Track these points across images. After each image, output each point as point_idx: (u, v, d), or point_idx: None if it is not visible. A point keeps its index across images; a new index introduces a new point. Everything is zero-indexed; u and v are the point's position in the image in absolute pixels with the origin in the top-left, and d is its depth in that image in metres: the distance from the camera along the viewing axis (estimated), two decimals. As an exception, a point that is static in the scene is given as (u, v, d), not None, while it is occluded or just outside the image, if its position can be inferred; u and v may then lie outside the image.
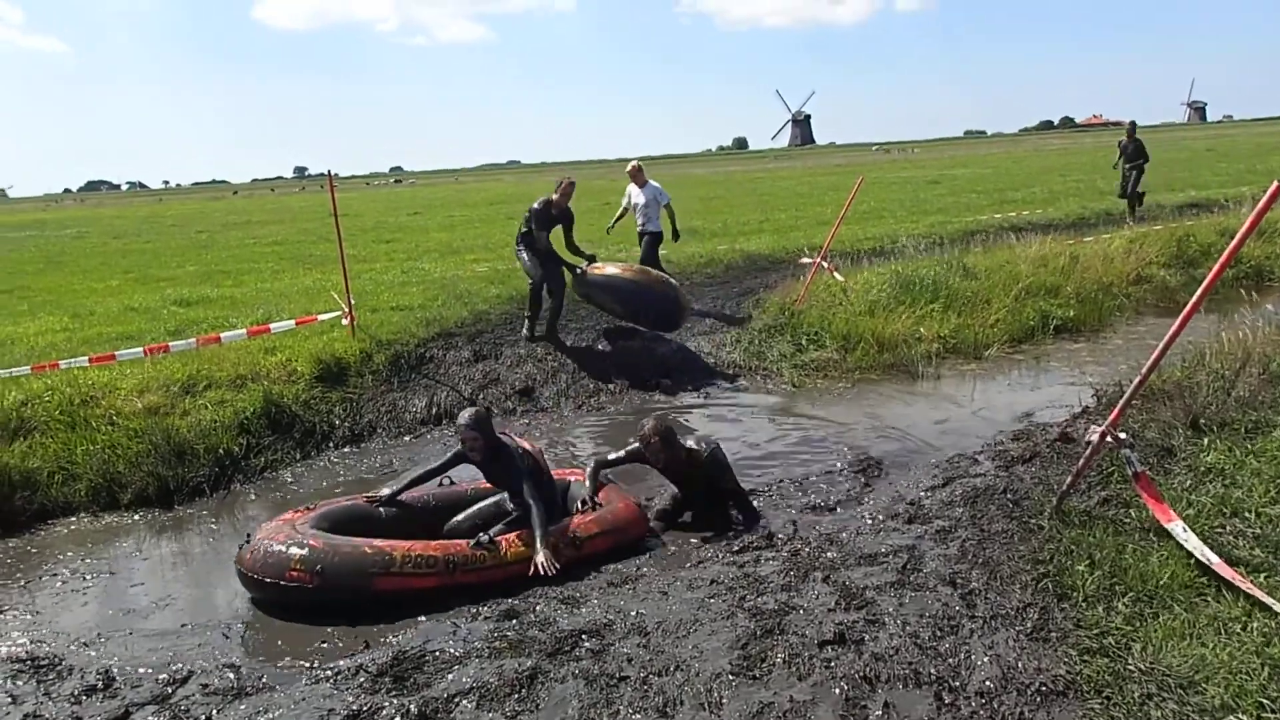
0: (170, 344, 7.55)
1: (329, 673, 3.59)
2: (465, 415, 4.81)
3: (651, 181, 10.52)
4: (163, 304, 11.23)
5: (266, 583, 4.26)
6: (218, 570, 4.98)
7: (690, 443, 5.08)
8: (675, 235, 10.71)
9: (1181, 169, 27.95)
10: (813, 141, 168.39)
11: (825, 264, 10.22)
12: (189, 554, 5.29)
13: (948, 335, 8.79)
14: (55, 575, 5.01)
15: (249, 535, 4.53)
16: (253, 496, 6.14)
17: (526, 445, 4.94)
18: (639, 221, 10.50)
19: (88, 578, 4.95)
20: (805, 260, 10.79)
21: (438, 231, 22.16)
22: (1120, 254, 11.34)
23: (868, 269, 10.73)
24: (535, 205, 9.07)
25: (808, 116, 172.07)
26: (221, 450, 6.44)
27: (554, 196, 9.16)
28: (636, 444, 5.01)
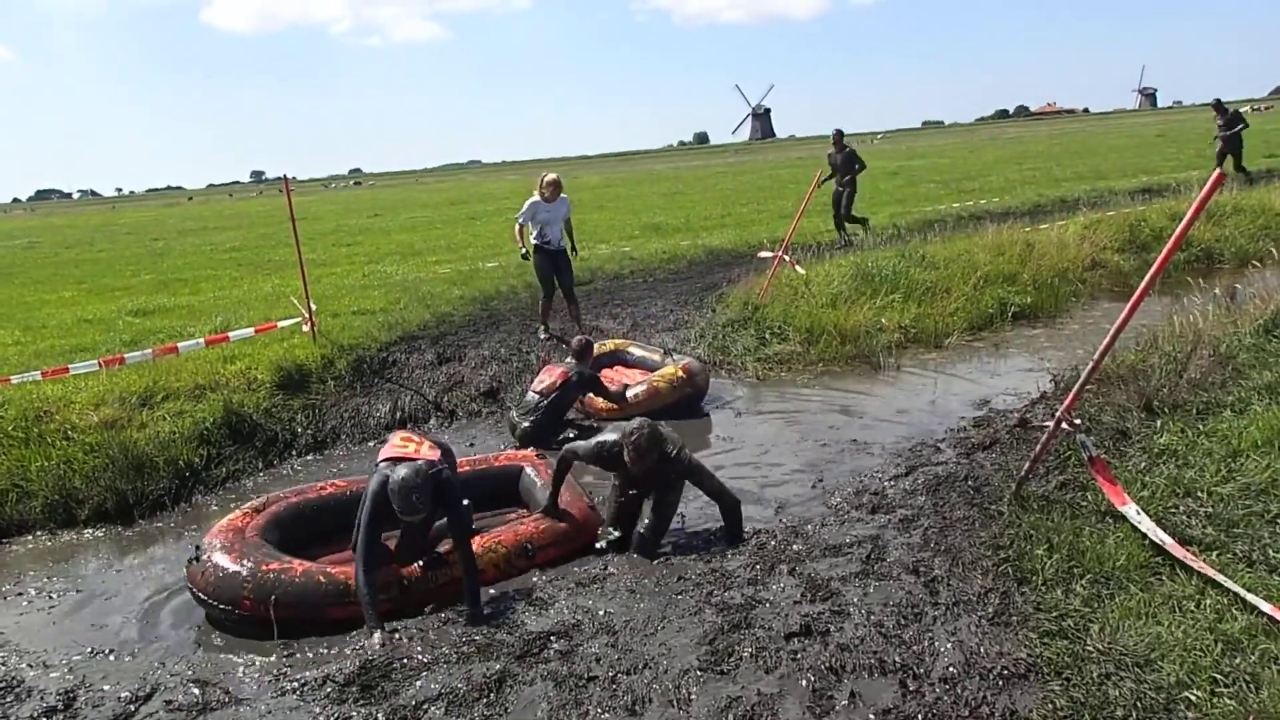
0: (126, 355, 7.41)
1: (295, 684, 3.55)
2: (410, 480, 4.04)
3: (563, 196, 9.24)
4: (118, 314, 11.04)
5: (220, 608, 4.21)
6: (181, 585, 4.91)
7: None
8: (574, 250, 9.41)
9: (1133, 154, 28.48)
10: (773, 135, 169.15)
11: (787, 257, 10.28)
12: (151, 569, 5.20)
13: (908, 325, 8.89)
14: (13, 595, 4.91)
15: (198, 547, 4.44)
16: (215, 508, 6.06)
17: (434, 455, 4.35)
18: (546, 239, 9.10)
19: (47, 596, 4.86)
20: (765, 254, 10.83)
21: (399, 233, 21.99)
22: (1075, 240, 11.52)
23: (829, 261, 10.80)
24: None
25: (768, 110, 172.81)
26: (181, 462, 6.34)
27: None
28: (613, 441, 4.62)
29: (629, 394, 6.91)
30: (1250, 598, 3.11)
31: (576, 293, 9.51)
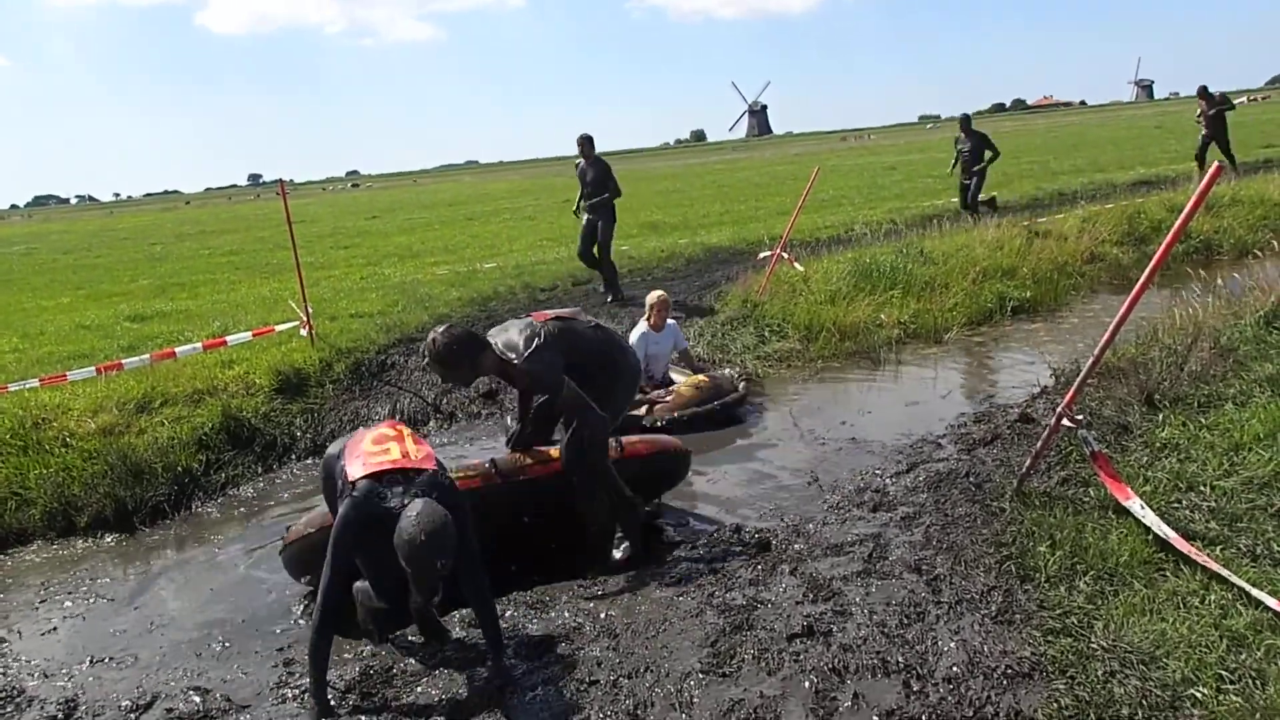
0: (124, 361, 7.40)
1: (295, 692, 3.54)
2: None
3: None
4: (115, 320, 11.03)
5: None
6: (182, 591, 4.90)
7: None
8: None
9: (1131, 147, 28.45)
10: (770, 131, 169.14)
11: (785, 254, 10.26)
12: (151, 576, 5.19)
13: (908, 320, 8.87)
14: (13, 604, 4.89)
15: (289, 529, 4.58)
16: (215, 514, 6.04)
17: (427, 459, 3.49)
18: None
19: (47, 605, 4.85)
20: (764, 255, 10.82)
21: (397, 235, 21.98)
22: (1074, 233, 11.51)
23: (827, 258, 10.78)
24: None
25: (764, 107, 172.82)
26: (180, 468, 6.33)
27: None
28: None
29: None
30: (1255, 593, 3.08)
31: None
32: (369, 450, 3.41)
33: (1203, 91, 17.95)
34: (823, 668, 3.12)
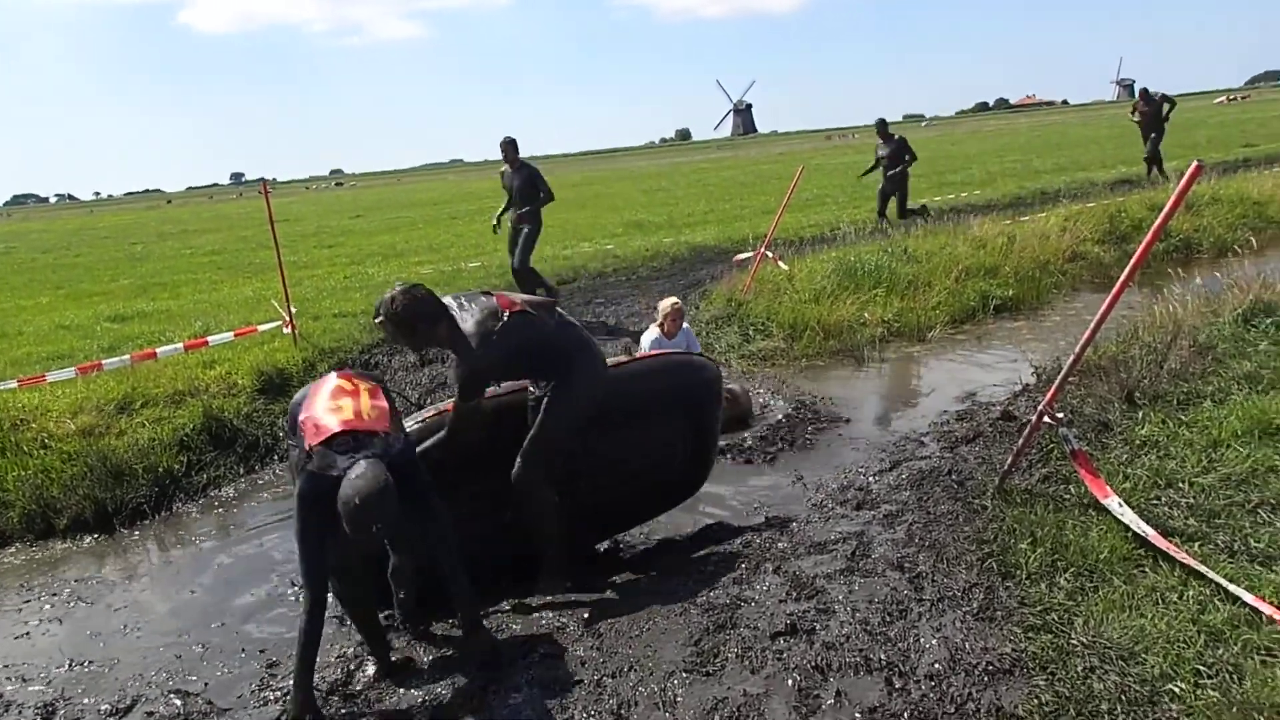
0: (104, 362, 7.35)
1: (277, 694, 3.52)
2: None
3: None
4: (95, 320, 10.95)
5: None
6: (163, 593, 4.87)
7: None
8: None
9: (1112, 146, 28.66)
10: (755, 130, 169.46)
11: (770, 253, 10.28)
12: (133, 578, 5.15)
13: (891, 319, 8.89)
14: (-10, 608, 4.85)
15: None
16: (196, 515, 6.00)
17: (381, 419, 3.32)
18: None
19: (26, 608, 4.80)
20: (744, 256, 10.84)
21: (381, 234, 21.91)
22: (1056, 232, 11.57)
23: (811, 257, 10.80)
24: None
25: (749, 105, 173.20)
26: (161, 469, 6.28)
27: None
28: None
29: None
30: (1232, 588, 3.12)
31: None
32: (325, 408, 3.26)
33: (1143, 93, 17.78)
34: (806, 665, 3.13)
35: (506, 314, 3.90)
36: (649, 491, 4.56)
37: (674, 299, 6.42)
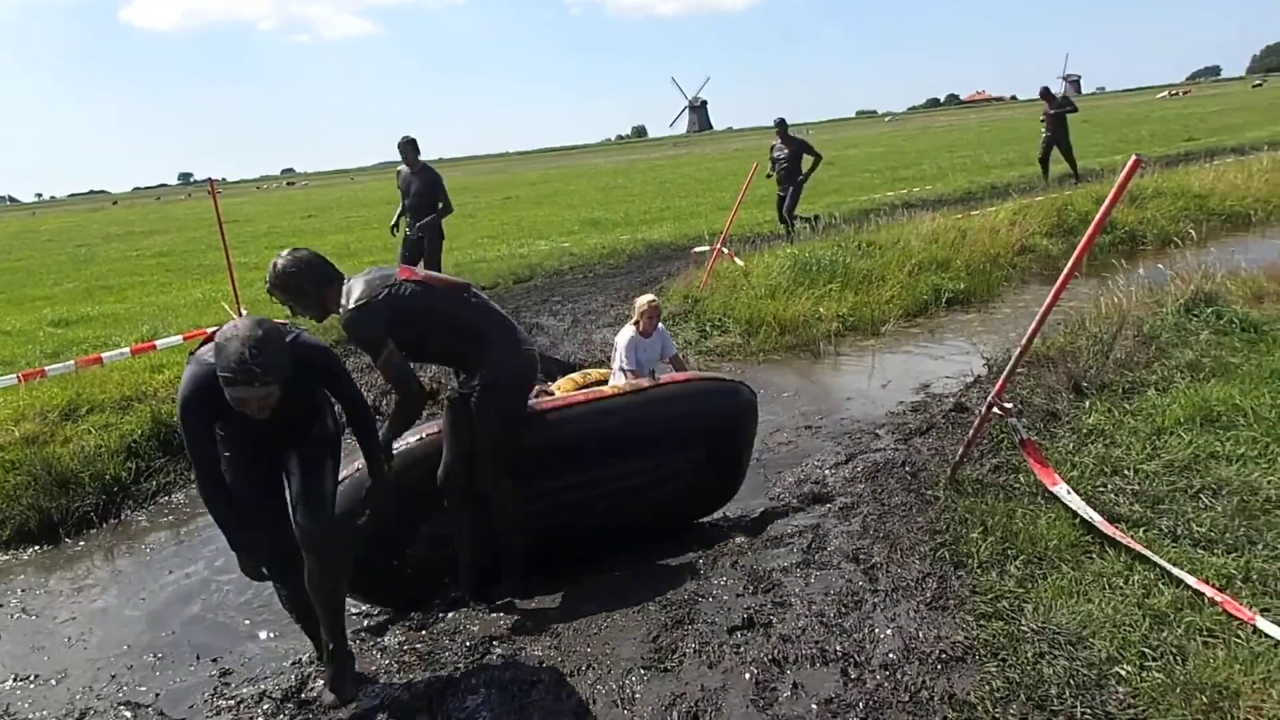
0: (47, 368, 7.16)
1: (230, 703, 3.46)
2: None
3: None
4: (38, 325, 10.67)
5: None
6: (112, 603, 4.76)
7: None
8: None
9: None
10: (711, 127, 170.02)
11: (725, 249, 10.33)
12: (81, 589, 5.03)
13: (846, 314, 8.99)
14: (-71, 623, 4.70)
15: None
16: (145, 523, 5.88)
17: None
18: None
19: (-34, 622, 4.67)
20: (701, 249, 10.87)
21: (334, 234, 21.64)
22: (1005, 226, 11.77)
23: (767, 252, 10.88)
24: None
25: (704, 102, 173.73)
26: (109, 477, 6.13)
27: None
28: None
29: None
30: (1176, 571, 3.20)
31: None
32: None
33: (1044, 92, 16.86)
34: (763, 659, 3.15)
35: (401, 281, 3.75)
36: (660, 513, 4.54)
37: (650, 296, 6.21)
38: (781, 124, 12.96)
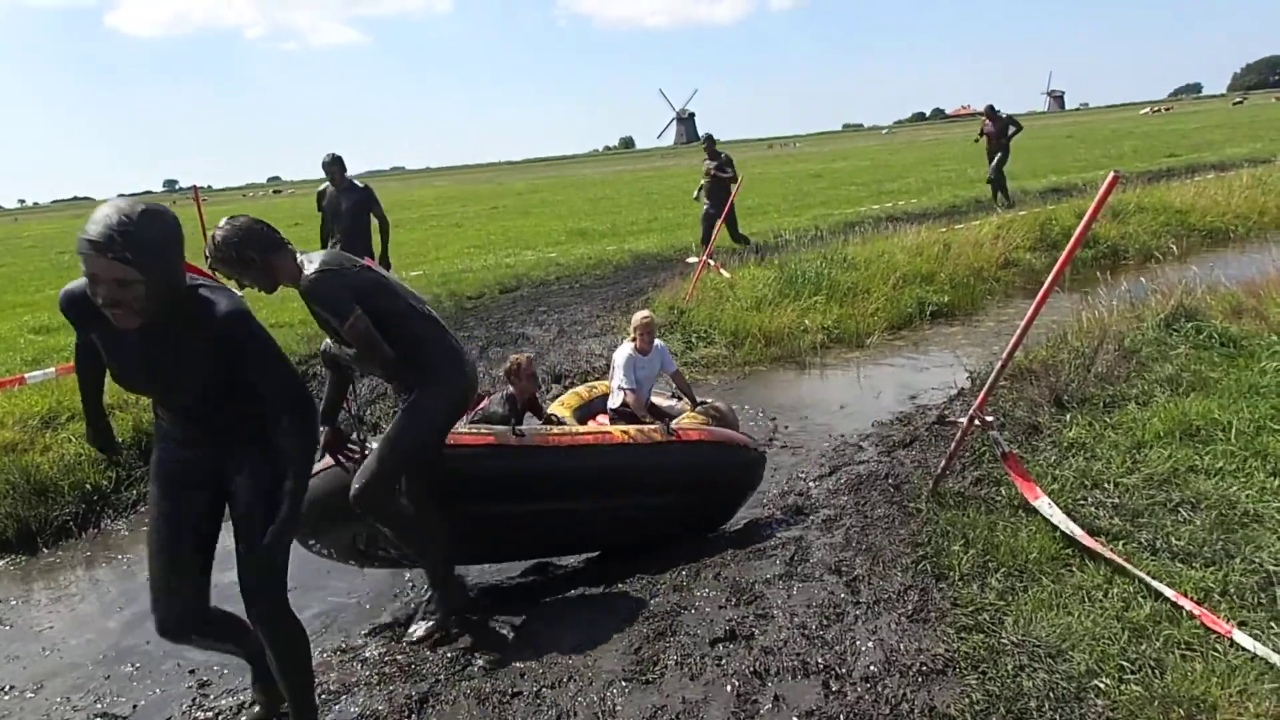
0: (27, 375, 7.11)
1: (209, 714, 3.44)
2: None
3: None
4: (19, 332, 10.58)
5: None
6: (91, 614, 4.71)
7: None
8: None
9: (1044, 155, 29.43)
10: (698, 139, 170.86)
11: (712, 261, 10.36)
12: (59, 599, 4.98)
13: (831, 326, 9.03)
14: (-97, 633, 4.64)
15: None
16: (125, 532, 5.83)
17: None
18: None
19: (-59, 633, 4.61)
20: (691, 260, 10.90)
21: (317, 243, 21.51)
22: (989, 239, 11.86)
23: (753, 264, 10.91)
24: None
25: (692, 114, 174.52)
26: (89, 485, 6.09)
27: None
28: None
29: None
30: (1155, 584, 3.22)
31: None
32: None
33: (989, 111, 16.30)
34: (744, 671, 3.15)
35: (363, 267, 3.63)
36: (648, 535, 4.60)
37: (645, 312, 6.00)
38: (709, 139, 12.41)
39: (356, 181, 8.63)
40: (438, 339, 3.69)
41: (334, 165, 8.50)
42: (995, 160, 16.01)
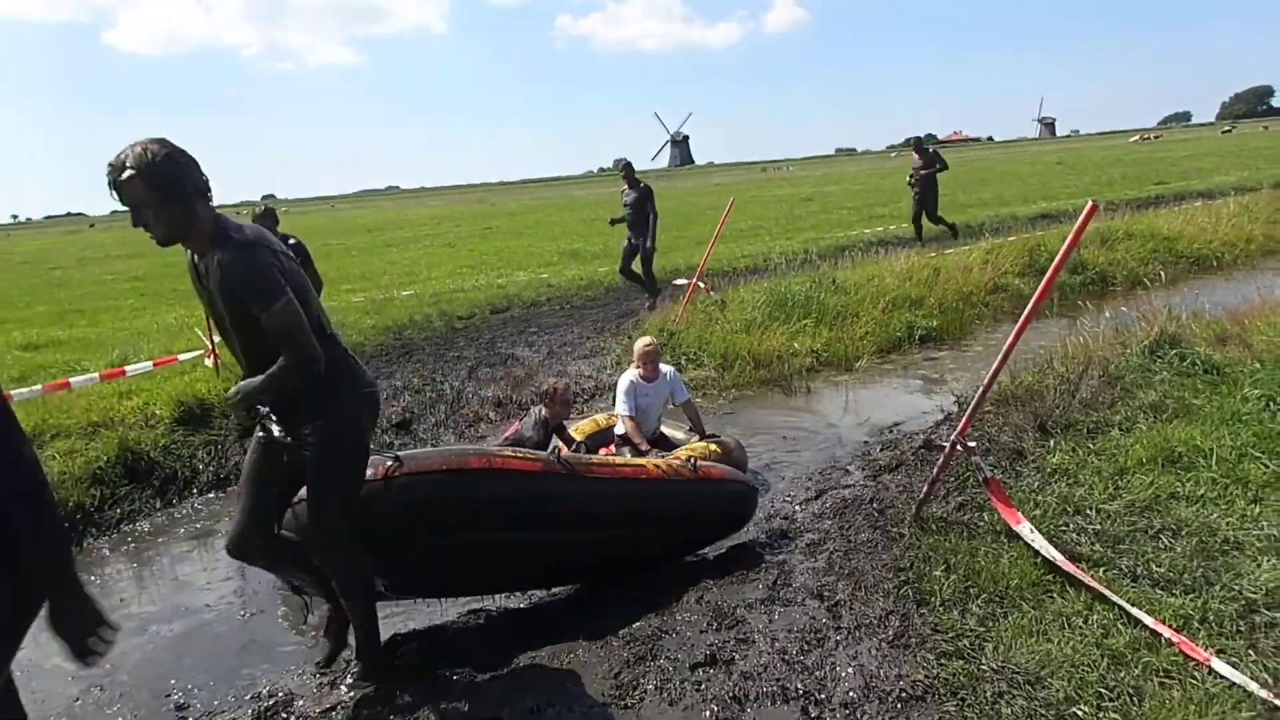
0: (13, 392, 7.07)
1: (185, 737, 3.40)
2: None
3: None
4: (7, 349, 10.56)
5: None
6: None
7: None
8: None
9: (1035, 182, 29.70)
10: (692, 161, 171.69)
11: (702, 284, 10.39)
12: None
13: (820, 349, 9.05)
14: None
15: None
16: (107, 551, 5.79)
17: None
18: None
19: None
20: (680, 282, 10.93)
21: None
22: (978, 265, 11.91)
23: (744, 287, 10.95)
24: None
25: (686, 137, 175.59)
26: (73, 504, 6.05)
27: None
28: None
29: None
30: (1134, 611, 3.22)
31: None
32: None
33: (916, 145, 15.59)
34: (724, 696, 3.14)
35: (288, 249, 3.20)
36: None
37: (648, 339, 5.75)
38: (627, 167, 11.62)
39: (290, 236, 7.66)
40: (335, 355, 3.21)
41: (266, 218, 7.79)
42: (916, 199, 15.33)
